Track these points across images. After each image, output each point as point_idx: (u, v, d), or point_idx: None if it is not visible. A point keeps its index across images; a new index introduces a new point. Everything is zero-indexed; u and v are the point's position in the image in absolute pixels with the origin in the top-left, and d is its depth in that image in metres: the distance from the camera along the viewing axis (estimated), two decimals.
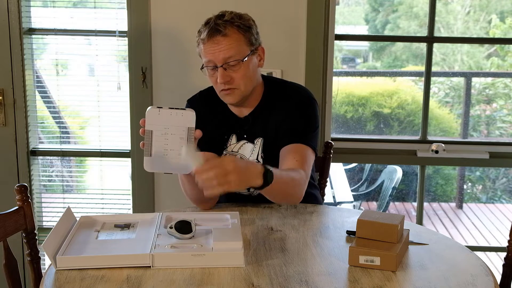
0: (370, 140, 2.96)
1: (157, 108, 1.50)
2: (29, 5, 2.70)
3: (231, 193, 2.01)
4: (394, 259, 1.41)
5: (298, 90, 2.00)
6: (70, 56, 2.89)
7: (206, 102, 2.00)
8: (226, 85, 1.84)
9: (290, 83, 2.03)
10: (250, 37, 1.86)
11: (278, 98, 1.96)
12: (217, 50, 1.81)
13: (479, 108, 5.18)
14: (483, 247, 4.94)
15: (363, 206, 5.21)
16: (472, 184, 6.04)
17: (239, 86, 1.85)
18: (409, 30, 6.02)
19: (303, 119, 1.92)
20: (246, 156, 1.95)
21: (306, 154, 1.87)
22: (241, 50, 1.83)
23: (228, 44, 1.81)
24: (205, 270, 1.40)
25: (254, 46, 1.88)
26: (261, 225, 1.74)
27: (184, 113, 1.51)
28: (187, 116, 1.51)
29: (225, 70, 1.83)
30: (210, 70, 1.86)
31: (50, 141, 2.90)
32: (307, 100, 1.96)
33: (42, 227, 2.88)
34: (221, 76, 1.82)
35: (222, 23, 1.82)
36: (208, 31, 1.82)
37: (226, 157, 1.61)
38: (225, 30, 1.81)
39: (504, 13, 5.47)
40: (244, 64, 1.84)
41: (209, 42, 1.82)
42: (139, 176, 2.75)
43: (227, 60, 1.82)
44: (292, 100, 1.94)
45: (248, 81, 1.87)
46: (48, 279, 1.38)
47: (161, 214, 1.68)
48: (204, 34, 1.83)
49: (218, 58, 1.82)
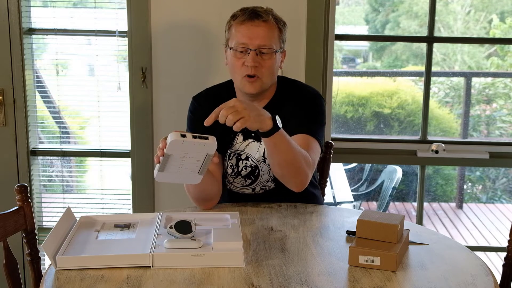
0: (370, 140, 2.96)
1: (181, 138, 1.46)
2: (29, 5, 2.70)
3: (233, 192, 2.02)
4: (394, 259, 1.41)
5: (306, 88, 2.02)
6: (70, 56, 2.89)
7: (212, 99, 1.98)
8: (253, 70, 1.83)
9: (300, 82, 2.05)
10: (283, 34, 1.90)
11: (288, 95, 1.97)
12: (255, 34, 1.82)
13: (479, 108, 5.17)
14: (483, 247, 4.94)
15: (363, 206, 5.21)
16: (472, 184, 6.04)
17: (262, 75, 1.86)
18: (409, 30, 6.02)
19: (310, 113, 1.93)
20: (252, 154, 1.95)
21: (311, 143, 1.86)
22: (275, 42, 1.86)
23: (266, 31, 1.83)
24: (205, 270, 1.40)
25: (283, 45, 1.92)
26: (261, 225, 1.74)
27: (207, 143, 1.49)
28: (209, 145, 1.49)
29: (256, 55, 1.83)
30: (238, 53, 1.85)
31: (50, 141, 2.90)
32: (315, 97, 1.97)
33: (42, 227, 2.88)
34: (252, 59, 1.82)
35: (264, 11, 1.86)
36: (249, 13, 1.83)
37: (232, 99, 1.59)
38: (266, 17, 1.84)
39: (504, 13, 5.46)
40: (274, 56, 1.86)
41: (248, 24, 1.83)
42: (139, 176, 2.75)
43: (261, 46, 1.83)
44: (300, 96, 1.96)
45: (271, 74, 1.88)
46: (48, 279, 1.38)
47: (161, 214, 1.68)
48: (244, 16, 1.83)
49: (254, 42, 1.82)
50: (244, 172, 1.96)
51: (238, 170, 1.96)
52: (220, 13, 2.59)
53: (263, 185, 1.98)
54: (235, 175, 1.97)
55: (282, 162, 1.74)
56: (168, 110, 2.70)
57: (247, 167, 1.95)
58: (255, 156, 1.95)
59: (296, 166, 1.74)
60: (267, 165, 1.94)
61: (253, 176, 1.96)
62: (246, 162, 1.95)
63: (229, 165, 1.97)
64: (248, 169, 1.95)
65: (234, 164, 1.96)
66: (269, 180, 1.97)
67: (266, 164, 1.94)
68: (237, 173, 1.97)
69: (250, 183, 1.98)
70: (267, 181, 1.97)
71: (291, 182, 1.81)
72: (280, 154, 1.71)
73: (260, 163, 1.94)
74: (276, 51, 1.86)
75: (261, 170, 1.95)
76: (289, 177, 1.80)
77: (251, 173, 1.96)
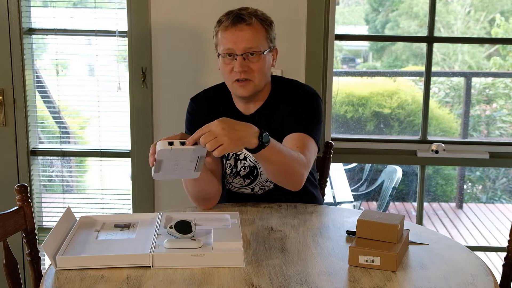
0: (370, 140, 2.96)
1: (169, 147, 1.47)
2: (29, 5, 2.70)
3: (233, 192, 2.02)
4: (394, 259, 1.41)
5: (303, 87, 2.01)
6: (70, 56, 2.89)
7: (210, 100, 2.00)
8: (243, 74, 1.83)
9: (296, 81, 2.04)
10: (270, 34, 1.88)
11: (284, 95, 1.96)
12: (239, 38, 1.82)
13: (479, 108, 5.17)
14: (483, 247, 4.94)
15: (363, 206, 5.21)
16: (472, 184, 6.03)
17: (254, 78, 1.85)
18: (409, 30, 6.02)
19: (307, 112, 1.92)
20: (250, 154, 1.94)
21: (307, 142, 1.85)
22: (261, 43, 1.85)
23: (251, 34, 1.82)
24: (205, 270, 1.40)
25: (272, 44, 1.90)
26: (261, 225, 1.74)
27: (195, 148, 1.49)
28: (198, 149, 1.50)
29: (244, 60, 1.83)
30: (226, 59, 1.85)
31: (50, 141, 2.90)
32: (311, 96, 1.96)
33: (42, 227, 2.88)
34: (240, 64, 1.82)
35: (247, 14, 1.84)
36: (232, 18, 1.83)
37: (214, 121, 1.51)
38: (249, 20, 1.83)
39: (504, 13, 5.46)
40: (263, 57, 1.85)
41: (232, 29, 1.82)
42: (139, 176, 2.75)
43: (247, 50, 1.82)
44: (297, 96, 1.95)
45: (262, 75, 1.87)
46: (48, 279, 1.38)
47: (161, 214, 1.68)
48: (228, 21, 1.83)
49: (240, 46, 1.82)
50: (243, 172, 1.96)
51: (237, 170, 1.96)
52: (220, 13, 2.58)
53: (262, 185, 1.98)
54: (234, 175, 1.98)
55: (276, 171, 1.75)
56: (168, 110, 2.70)
57: (246, 167, 1.95)
58: (253, 157, 1.94)
59: (290, 171, 1.75)
60: None
61: (252, 176, 1.96)
62: (244, 162, 1.95)
63: (227, 165, 1.97)
64: (247, 169, 1.95)
65: (232, 164, 1.96)
66: (267, 180, 1.97)
67: None
68: (235, 173, 1.97)
69: (249, 183, 1.98)
70: (266, 181, 1.97)
71: (288, 185, 1.82)
72: (271, 165, 1.71)
73: (258, 163, 1.94)
74: (264, 52, 1.85)
75: (259, 170, 1.95)
76: (285, 182, 1.81)
77: (249, 173, 1.96)
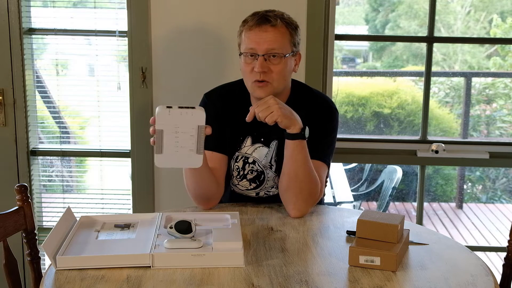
0: (370, 140, 2.96)
1: (167, 109, 1.48)
2: (29, 5, 2.70)
3: (237, 194, 2.01)
4: (394, 259, 1.41)
5: (322, 101, 1.98)
6: (70, 56, 2.89)
7: (226, 97, 1.97)
8: (262, 75, 1.82)
9: (316, 91, 2.02)
10: (295, 38, 1.88)
11: (302, 102, 1.93)
12: (263, 39, 1.81)
13: (479, 108, 5.18)
14: (483, 247, 4.94)
15: (363, 206, 5.21)
16: (472, 184, 6.04)
17: (273, 80, 1.84)
18: (409, 30, 6.02)
19: (323, 134, 1.92)
20: (260, 159, 1.94)
21: (321, 171, 1.88)
22: (285, 46, 1.84)
23: (274, 36, 1.82)
24: (205, 270, 1.40)
25: (296, 49, 1.89)
26: (261, 225, 1.74)
27: (194, 112, 1.49)
28: (197, 114, 1.50)
29: (265, 61, 1.82)
30: (248, 58, 1.84)
31: (50, 141, 2.90)
32: (330, 113, 1.95)
33: (42, 227, 2.87)
34: (260, 64, 1.81)
35: (273, 15, 1.84)
36: (258, 19, 1.82)
37: (269, 96, 1.76)
38: (274, 22, 1.82)
39: (504, 13, 5.47)
40: (284, 60, 1.84)
41: (256, 29, 1.82)
42: (139, 176, 2.75)
43: (270, 51, 1.82)
44: (316, 110, 1.93)
45: (282, 79, 1.86)
46: (48, 279, 1.38)
47: (161, 214, 1.68)
48: (253, 21, 1.83)
49: (262, 47, 1.81)
50: (250, 175, 1.96)
51: (244, 173, 1.96)
52: (220, 13, 2.59)
53: (267, 191, 1.98)
54: (240, 178, 1.97)
55: (292, 173, 1.77)
56: None
57: (253, 171, 1.95)
58: (262, 162, 1.94)
59: (302, 185, 1.77)
60: (273, 171, 1.94)
61: (259, 180, 1.96)
62: (252, 166, 1.95)
63: (235, 167, 1.96)
64: (254, 173, 1.95)
65: (240, 166, 1.96)
66: (273, 187, 1.97)
67: (272, 170, 1.95)
68: (242, 176, 1.96)
69: (255, 187, 1.97)
70: (271, 187, 1.97)
71: (291, 202, 1.82)
72: (294, 163, 1.74)
73: (266, 168, 1.94)
74: (286, 55, 1.84)
75: (266, 176, 1.95)
76: (291, 195, 1.80)
77: (256, 177, 1.96)
